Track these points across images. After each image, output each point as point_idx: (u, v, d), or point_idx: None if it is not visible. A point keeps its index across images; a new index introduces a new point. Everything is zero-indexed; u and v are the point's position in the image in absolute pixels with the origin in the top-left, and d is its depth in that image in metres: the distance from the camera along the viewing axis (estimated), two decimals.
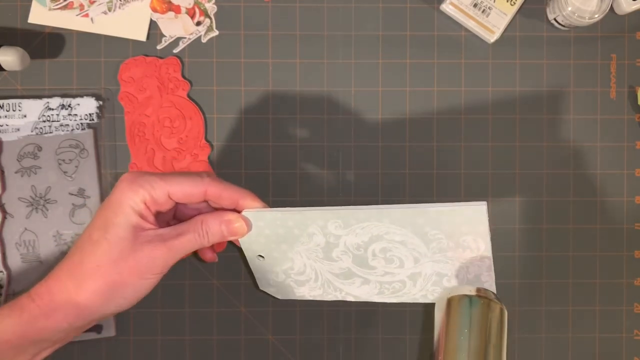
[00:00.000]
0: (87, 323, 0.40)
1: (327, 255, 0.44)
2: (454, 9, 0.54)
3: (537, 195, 0.56)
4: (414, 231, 0.41)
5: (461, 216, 0.40)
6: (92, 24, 0.54)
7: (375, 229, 0.42)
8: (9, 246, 0.54)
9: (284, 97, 0.55)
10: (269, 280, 0.49)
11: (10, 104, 0.54)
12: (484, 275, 0.43)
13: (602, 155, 0.56)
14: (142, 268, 0.39)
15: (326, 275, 0.46)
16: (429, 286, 0.45)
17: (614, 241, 0.56)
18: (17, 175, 0.54)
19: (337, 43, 0.55)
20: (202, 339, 0.55)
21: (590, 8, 0.52)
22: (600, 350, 0.56)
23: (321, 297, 0.48)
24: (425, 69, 0.55)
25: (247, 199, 0.42)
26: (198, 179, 0.41)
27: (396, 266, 0.44)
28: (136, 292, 0.40)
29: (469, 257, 0.42)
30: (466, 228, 0.40)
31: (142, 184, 0.39)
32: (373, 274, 0.45)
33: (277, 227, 0.43)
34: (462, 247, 0.42)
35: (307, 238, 0.44)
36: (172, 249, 0.40)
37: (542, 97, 0.56)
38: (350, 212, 0.41)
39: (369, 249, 0.43)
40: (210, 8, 0.55)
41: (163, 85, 0.54)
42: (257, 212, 0.43)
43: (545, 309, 0.56)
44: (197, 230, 0.41)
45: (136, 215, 0.39)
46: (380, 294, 0.46)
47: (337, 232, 0.43)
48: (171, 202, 0.41)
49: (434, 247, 0.42)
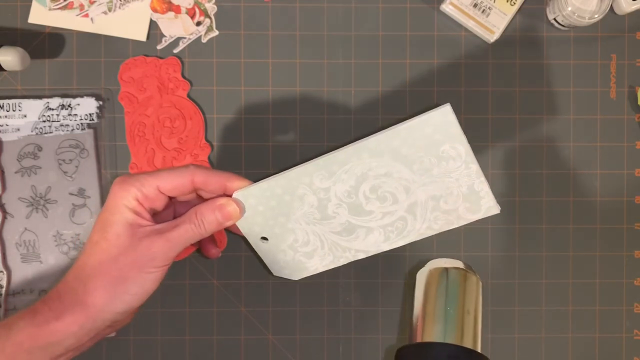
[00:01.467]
0: (99, 324, 0.40)
1: (323, 214, 0.44)
2: (454, 9, 0.54)
3: (536, 195, 0.56)
4: (393, 157, 0.41)
5: (431, 125, 0.39)
6: (92, 24, 0.54)
7: (358, 168, 0.42)
8: (9, 246, 0.54)
9: (284, 97, 0.55)
10: (279, 262, 0.48)
11: (10, 104, 0.54)
12: (476, 183, 0.42)
13: (602, 155, 0.56)
14: (142, 262, 0.40)
15: (330, 238, 0.46)
16: (428, 214, 0.44)
17: (614, 241, 0.56)
18: (17, 175, 0.54)
19: (337, 43, 0.55)
20: (202, 339, 0.55)
21: (590, 8, 0.52)
22: (600, 350, 0.56)
23: (334, 264, 0.48)
24: (425, 69, 0.55)
25: (233, 181, 0.43)
26: (184, 170, 0.42)
27: (391, 203, 0.43)
28: (141, 287, 0.40)
29: (455, 167, 0.41)
30: (440, 136, 0.40)
31: (133, 183, 0.41)
32: (373, 220, 0.45)
33: (268, 199, 0.44)
34: (444, 159, 0.41)
35: (299, 202, 0.44)
36: (170, 240, 0.40)
37: (542, 97, 0.56)
38: (329, 158, 0.42)
39: (360, 192, 0.43)
40: (210, 8, 0.55)
41: (163, 85, 0.54)
42: (245, 190, 0.43)
43: (545, 309, 0.56)
44: (192, 221, 0.42)
45: (131, 213, 0.40)
46: (387, 240, 0.45)
47: (324, 184, 0.43)
48: (163, 197, 0.42)
49: (418, 168, 0.41)
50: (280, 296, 0.55)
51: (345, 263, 0.47)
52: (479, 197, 0.43)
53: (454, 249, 0.56)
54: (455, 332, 0.41)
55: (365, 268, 0.55)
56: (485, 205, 0.43)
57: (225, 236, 0.55)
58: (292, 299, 0.55)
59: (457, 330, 0.41)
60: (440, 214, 0.44)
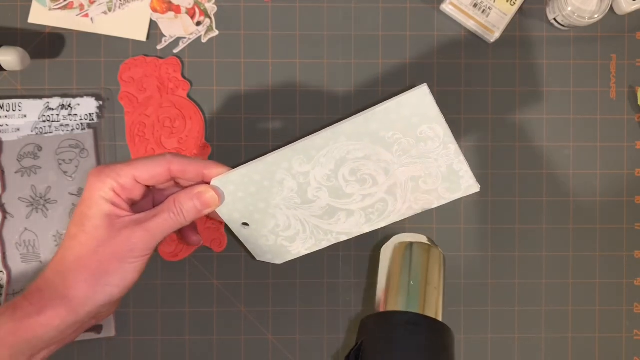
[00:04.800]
0: (81, 318, 0.40)
1: (303, 198, 0.44)
2: (454, 9, 0.54)
3: (537, 195, 0.56)
4: (372, 141, 0.41)
5: (408, 106, 0.39)
6: (92, 24, 0.54)
7: (337, 151, 0.42)
8: (9, 246, 0.54)
9: (284, 97, 0.55)
10: (262, 247, 0.48)
11: (10, 104, 0.54)
12: (454, 162, 0.42)
13: (602, 155, 0.56)
14: (122, 253, 0.39)
15: (312, 221, 0.46)
16: (409, 195, 0.44)
17: (614, 241, 0.56)
18: (17, 175, 0.54)
19: (337, 43, 0.55)
20: (202, 339, 0.55)
21: (590, 8, 0.52)
22: (600, 350, 0.56)
23: (317, 247, 0.48)
24: (425, 69, 0.55)
25: (211, 168, 0.43)
26: (160, 158, 0.41)
27: (370, 185, 0.43)
28: (122, 278, 0.40)
29: (433, 147, 0.41)
30: (417, 118, 0.40)
31: (108, 174, 0.40)
32: (353, 203, 0.45)
33: (247, 186, 0.43)
34: (422, 140, 0.41)
35: (279, 187, 0.44)
36: (149, 230, 0.40)
37: (542, 97, 0.56)
38: (307, 143, 0.41)
39: (339, 175, 0.43)
40: (210, 8, 0.55)
41: (163, 85, 0.54)
42: (224, 176, 0.43)
43: (545, 308, 0.56)
44: (171, 209, 0.41)
45: (108, 204, 0.40)
46: (368, 221, 0.46)
47: (303, 169, 0.43)
48: (140, 187, 0.42)
49: (397, 150, 0.41)
50: (280, 296, 0.55)
51: (327, 245, 0.47)
52: (459, 176, 0.43)
53: (454, 249, 0.56)
54: (418, 303, 0.42)
55: (365, 268, 0.55)
56: (465, 184, 0.43)
57: (225, 236, 0.55)
58: (292, 299, 0.55)
59: (420, 301, 0.42)
60: (421, 195, 0.44)
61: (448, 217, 0.56)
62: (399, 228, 0.54)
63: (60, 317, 0.39)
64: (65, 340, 0.41)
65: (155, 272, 0.55)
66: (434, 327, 0.41)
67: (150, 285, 0.55)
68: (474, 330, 0.56)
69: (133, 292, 0.55)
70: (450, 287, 0.56)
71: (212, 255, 0.55)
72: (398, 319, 0.41)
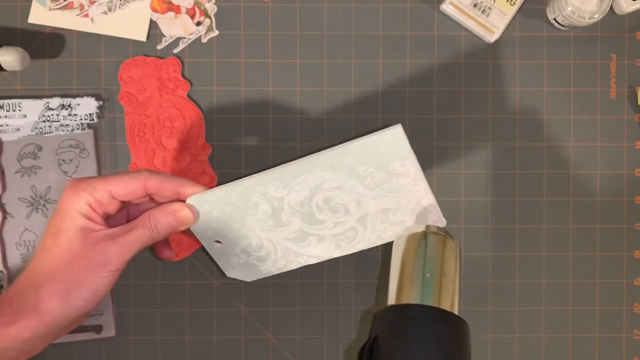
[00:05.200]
0: (52, 330, 0.39)
1: (277, 221, 0.45)
2: (454, 9, 0.54)
3: (537, 195, 0.56)
4: (346, 173, 0.42)
5: (382, 144, 0.41)
6: (92, 24, 0.54)
7: (312, 180, 0.43)
8: (9, 246, 0.54)
9: (284, 97, 0.55)
10: (233, 264, 0.49)
11: (10, 104, 0.54)
12: (424, 199, 0.44)
13: (602, 155, 0.56)
14: (95, 266, 0.39)
15: (283, 244, 0.47)
16: (378, 225, 0.45)
17: (614, 241, 0.56)
18: (17, 175, 0.54)
19: (337, 43, 0.55)
20: (202, 339, 0.55)
21: (590, 8, 0.52)
22: (600, 350, 0.56)
23: (286, 268, 0.49)
24: (425, 69, 0.55)
25: (187, 187, 0.43)
26: (137, 174, 0.42)
27: (342, 214, 0.45)
28: (93, 292, 0.40)
29: (405, 183, 0.43)
30: (391, 155, 0.41)
31: (85, 187, 0.40)
32: (325, 229, 0.46)
33: (222, 206, 0.44)
34: (394, 175, 0.42)
35: (253, 209, 0.44)
36: (123, 245, 0.40)
37: (542, 97, 0.56)
38: (283, 170, 0.42)
39: (313, 202, 0.44)
40: (210, 8, 0.55)
41: (163, 85, 0.54)
42: (200, 196, 0.43)
43: (545, 308, 0.56)
44: (145, 225, 0.41)
45: (83, 218, 0.40)
46: (338, 247, 0.47)
47: (277, 194, 0.43)
48: (116, 202, 0.42)
49: (369, 183, 0.43)
50: (280, 296, 0.55)
51: (297, 267, 0.49)
52: (427, 211, 0.44)
53: None
54: (433, 296, 0.41)
55: (365, 268, 0.55)
56: (432, 219, 0.45)
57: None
58: (292, 299, 0.55)
59: (435, 293, 0.41)
60: (389, 225, 0.45)
61: (448, 217, 0.55)
62: None
63: (31, 329, 0.39)
64: (33, 351, 0.41)
65: (155, 272, 0.55)
66: (451, 321, 0.40)
67: (150, 285, 0.55)
68: (474, 330, 0.55)
69: (133, 292, 0.55)
70: None
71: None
72: (414, 313, 0.40)
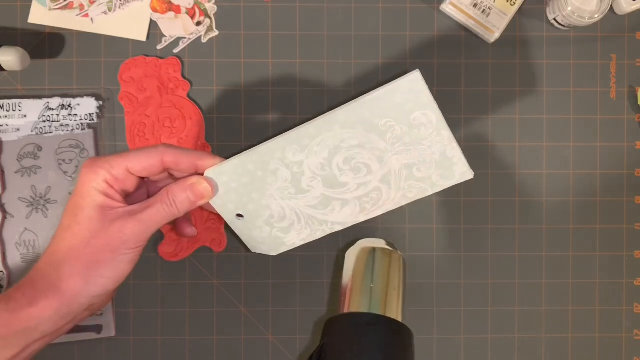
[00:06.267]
0: (74, 309, 0.40)
1: (298, 188, 0.44)
2: (454, 9, 0.54)
3: (536, 195, 0.56)
4: (365, 128, 0.41)
5: (400, 93, 0.39)
6: (92, 24, 0.54)
7: (330, 140, 0.41)
8: (9, 246, 0.54)
9: (284, 97, 0.55)
10: (256, 239, 0.48)
11: (10, 104, 0.54)
12: (448, 149, 0.41)
13: (602, 155, 0.56)
14: (115, 244, 0.39)
15: (306, 212, 0.46)
16: (402, 183, 0.43)
17: (614, 241, 0.56)
18: (17, 175, 0.54)
19: (337, 43, 0.55)
20: (202, 339, 0.55)
21: (590, 8, 0.52)
22: (600, 351, 0.56)
23: (311, 237, 0.47)
24: (425, 69, 0.55)
25: (205, 159, 0.43)
26: (153, 149, 0.41)
27: (365, 174, 0.43)
28: (115, 269, 0.40)
29: (427, 134, 0.41)
30: (410, 105, 0.39)
31: (101, 165, 0.40)
32: (348, 192, 0.44)
33: (240, 176, 0.43)
34: (415, 127, 0.40)
35: (272, 177, 0.43)
36: (142, 221, 0.40)
37: (542, 97, 0.56)
38: (301, 132, 0.41)
39: (333, 164, 0.43)
40: (210, 8, 0.55)
41: (163, 85, 0.54)
42: (217, 167, 0.42)
43: (545, 308, 0.56)
44: (164, 201, 0.41)
45: (101, 195, 0.40)
46: (363, 211, 0.45)
47: (296, 158, 0.42)
48: (134, 178, 0.41)
49: (390, 137, 0.41)
50: (280, 296, 0.55)
51: (322, 236, 0.47)
52: (452, 163, 0.42)
53: (454, 249, 0.56)
54: (380, 305, 0.44)
55: None
56: (459, 171, 0.43)
57: (225, 236, 0.55)
58: (292, 299, 0.55)
59: (381, 303, 0.44)
60: (414, 182, 0.43)
61: (448, 217, 0.56)
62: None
63: (53, 309, 0.39)
64: (58, 333, 0.41)
65: (155, 272, 0.55)
66: (393, 327, 0.42)
67: (150, 285, 0.55)
68: (474, 330, 0.56)
69: (133, 292, 0.55)
70: (450, 287, 0.56)
71: (212, 255, 0.55)
72: (359, 320, 0.42)
